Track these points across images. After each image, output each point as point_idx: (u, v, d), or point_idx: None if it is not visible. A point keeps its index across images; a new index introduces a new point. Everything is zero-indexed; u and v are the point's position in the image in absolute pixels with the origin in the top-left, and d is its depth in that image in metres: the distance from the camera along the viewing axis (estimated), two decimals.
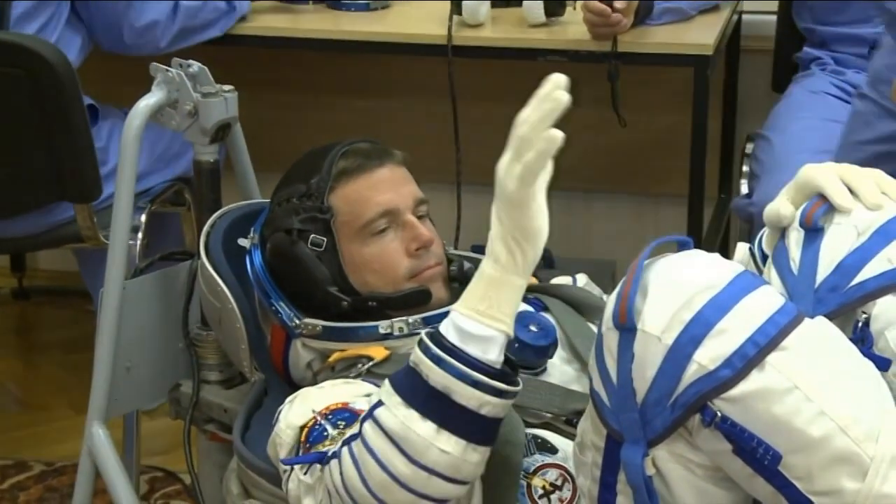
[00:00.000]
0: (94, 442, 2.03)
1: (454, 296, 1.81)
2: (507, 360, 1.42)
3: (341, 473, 1.43)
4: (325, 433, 1.53)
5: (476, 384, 1.37)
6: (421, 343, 1.41)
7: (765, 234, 1.56)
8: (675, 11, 2.82)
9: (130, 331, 2.04)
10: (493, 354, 1.38)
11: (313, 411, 1.57)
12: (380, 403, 1.42)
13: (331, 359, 1.76)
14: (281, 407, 1.64)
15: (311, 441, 1.54)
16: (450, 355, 1.38)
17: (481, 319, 1.38)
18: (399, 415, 1.39)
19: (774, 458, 1.27)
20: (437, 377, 1.38)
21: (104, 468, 2.03)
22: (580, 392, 1.61)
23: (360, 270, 1.78)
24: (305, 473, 1.49)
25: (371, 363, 1.70)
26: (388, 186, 1.79)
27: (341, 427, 1.52)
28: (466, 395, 1.37)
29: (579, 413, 1.48)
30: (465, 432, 1.38)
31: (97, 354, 2.03)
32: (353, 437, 1.44)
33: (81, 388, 2.37)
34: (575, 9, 2.83)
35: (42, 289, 3.67)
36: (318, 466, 1.48)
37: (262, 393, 1.88)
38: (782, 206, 1.48)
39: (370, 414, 1.42)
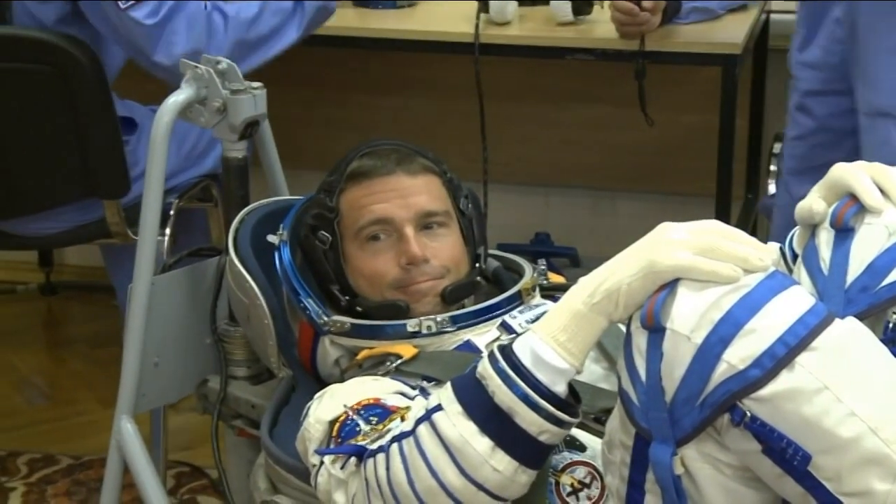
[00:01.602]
0: (122, 436, 2.04)
1: (481, 295, 1.83)
2: (570, 390, 1.40)
3: (388, 469, 1.42)
4: (358, 428, 1.53)
5: (540, 411, 1.36)
6: (491, 356, 1.39)
7: (796, 234, 1.56)
8: (703, 10, 2.81)
9: (158, 326, 2.05)
10: (561, 387, 1.37)
11: (345, 406, 1.57)
12: (439, 408, 1.41)
13: (359, 356, 1.76)
14: (309, 403, 1.64)
15: (343, 436, 1.54)
16: (520, 377, 1.36)
17: (558, 350, 1.36)
18: (458, 425, 1.38)
19: (804, 458, 1.27)
20: (504, 396, 1.36)
21: (133, 462, 2.04)
22: (608, 390, 1.61)
23: (354, 274, 1.81)
24: (342, 468, 1.49)
25: (399, 361, 1.70)
26: (388, 196, 1.79)
27: (374, 423, 1.52)
28: (529, 420, 1.36)
29: (608, 411, 1.48)
30: (519, 454, 1.38)
31: (126, 349, 2.03)
32: (405, 435, 1.43)
33: (108, 383, 2.39)
34: (603, 7, 2.83)
35: (69, 284, 3.69)
36: (354, 461, 1.48)
37: (290, 389, 1.89)
38: (815, 202, 1.47)
39: (428, 416, 1.41)
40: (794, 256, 1.54)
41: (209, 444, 1.97)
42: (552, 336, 1.36)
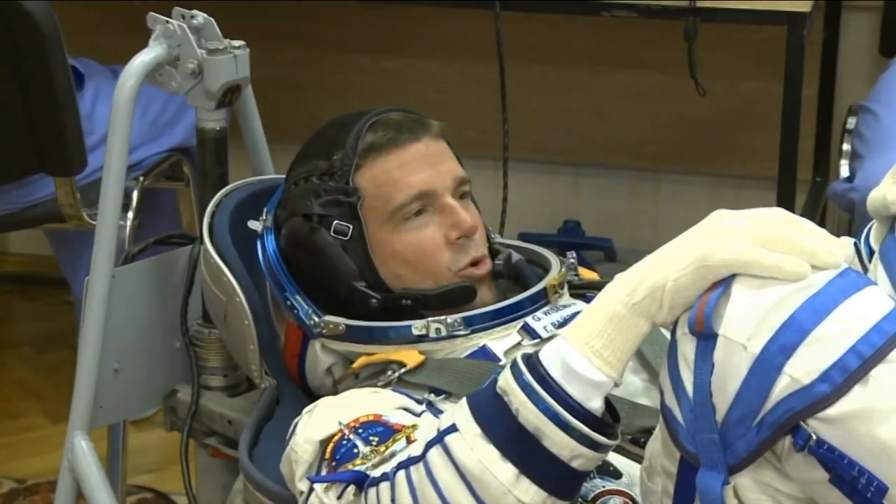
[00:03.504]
0: (76, 456, 2.06)
1: (501, 292, 1.83)
2: (607, 406, 1.41)
3: (393, 501, 1.43)
4: (356, 450, 1.54)
5: (572, 432, 1.37)
6: (514, 368, 1.40)
7: (873, 227, 1.56)
8: None
9: (120, 326, 2.06)
10: (597, 402, 1.38)
11: (340, 423, 1.58)
12: (453, 429, 1.41)
13: (355, 364, 1.77)
14: (297, 419, 1.65)
15: (338, 458, 1.55)
16: (548, 392, 1.37)
17: (593, 360, 1.36)
18: (477, 450, 1.38)
19: (879, 489, 1.27)
20: (530, 415, 1.37)
21: (87, 487, 2.05)
22: (649, 407, 1.62)
23: (391, 263, 1.79)
24: (338, 497, 1.50)
25: (403, 370, 1.71)
26: (423, 164, 1.80)
27: (374, 444, 1.53)
28: (559, 443, 1.37)
29: (648, 431, 1.49)
30: (548, 483, 1.38)
31: (80, 354, 2.05)
32: (413, 461, 1.44)
33: (59, 393, 2.41)
34: None
35: (12, 276, 3.71)
36: (353, 489, 1.49)
37: (274, 402, 1.90)
38: (889, 190, 1.48)
39: (440, 439, 1.42)
40: (871, 253, 1.54)
41: (177, 466, 1.99)
42: (585, 342, 1.37)
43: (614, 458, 1.57)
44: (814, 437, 1.28)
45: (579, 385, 1.37)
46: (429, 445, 1.43)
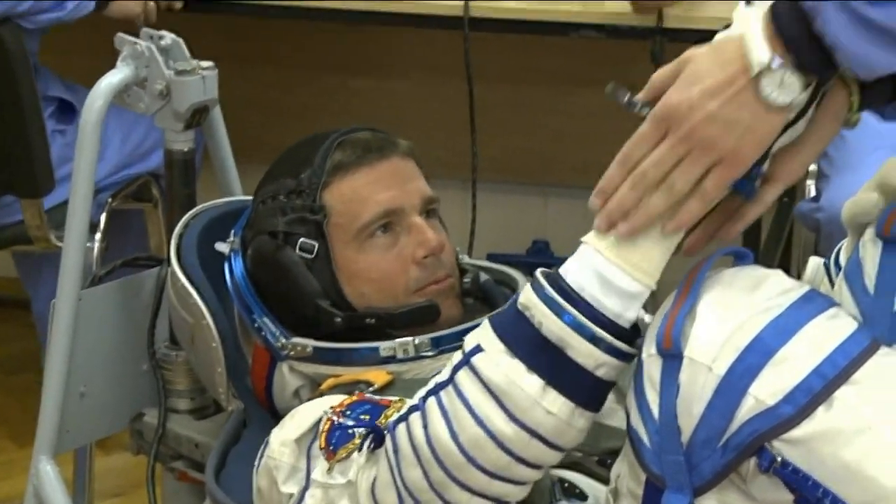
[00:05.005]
0: (41, 480, 2.05)
1: (468, 313, 1.84)
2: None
3: (425, 427, 1.42)
4: (350, 430, 1.54)
5: (596, 341, 1.37)
6: (534, 282, 1.40)
7: (843, 246, 1.57)
8: None
9: (86, 349, 2.06)
10: (633, 313, 1.38)
11: (325, 411, 1.58)
12: (478, 349, 1.41)
13: (323, 386, 1.77)
14: (268, 437, 1.65)
15: (334, 444, 1.55)
16: (569, 302, 1.37)
17: (632, 272, 1.37)
18: (503, 365, 1.39)
19: None
20: (553, 326, 1.37)
21: None
22: (615, 428, 1.62)
23: (356, 281, 1.80)
24: (359, 458, 1.50)
25: (371, 389, 1.71)
26: (390, 182, 1.81)
27: (367, 421, 1.54)
28: (584, 352, 1.37)
29: (614, 453, 1.49)
30: (574, 393, 1.38)
31: (46, 377, 2.04)
32: (441, 386, 1.43)
33: (24, 416, 2.40)
34: None
35: None
36: (365, 451, 1.48)
37: (241, 425, 1.90)
38: (865, 196, 1.48)
39: (466, 361, 1.42)
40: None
41: (144, 489, 1.98)
42: (622, 256, 1.37)
43: (580, 480, 1.58)
44: (778, 458, 1.29)
45: (618, 297, 1.37)
46: (456, 369, 1.43)
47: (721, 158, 1.34)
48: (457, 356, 1.44)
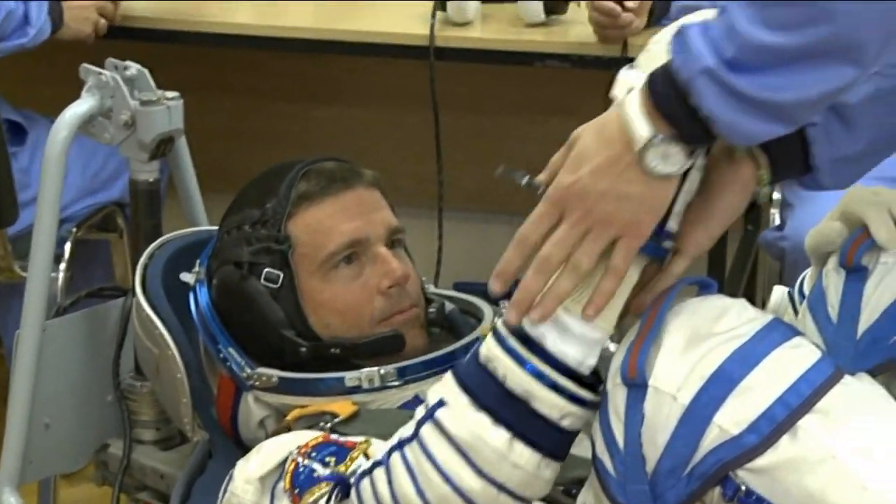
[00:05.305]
0: None
1: (434, 342, 1.84)
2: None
3: (390, 483, 1.42)
4: (315, 474, 1.54)
5: (559, 389, 1.37)
6: (496, 333, 1.40)
7: (807, 275, 1.58)
8: (694, 11, 2.85)
9: (51, 380, 2.05)
10: (593, 359, 1.39)
11: (290, 453, 1.58)
12: (441, 403, 1.42)
13: (289, 417, 1.77)
14: (232, 470, 1.65)
15: (300, 486, 1.55)
16: (535, 354, 1.37)
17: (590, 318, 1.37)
18: (468, 419, 1.39)
19: None
20: (518, 379, 1.37)
21: None
22: (581, 457, 1.62)
23: (321, 311, 1.80)
24: None
25: (336, 420, 1.71)
26: (355, 213, 1.81)
27: (332, 464, 1.54)
28: (549, 403, 1.37)
29: (580, 482, 1.50)
30: (541, 444, 1.39)
31: (10, 408, 2.03)
32: (406, 441, 1.43)
33: None
34: (579, 6, 2.86)
35: None
36: (337, 495, 1.47)
37: (206, 455, 1.90)
38: (828, 226, 1.49)
39: (430, 416, 1.42)
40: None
41: None
42: (576, 300, 1.37)
43: None
44: (743, 487, 1.29)
45: (576, 344, 1.37)
46: (419, 424, 1.42)
47: (621, 232, 1.34)
48: (420, 411, 1.44)
